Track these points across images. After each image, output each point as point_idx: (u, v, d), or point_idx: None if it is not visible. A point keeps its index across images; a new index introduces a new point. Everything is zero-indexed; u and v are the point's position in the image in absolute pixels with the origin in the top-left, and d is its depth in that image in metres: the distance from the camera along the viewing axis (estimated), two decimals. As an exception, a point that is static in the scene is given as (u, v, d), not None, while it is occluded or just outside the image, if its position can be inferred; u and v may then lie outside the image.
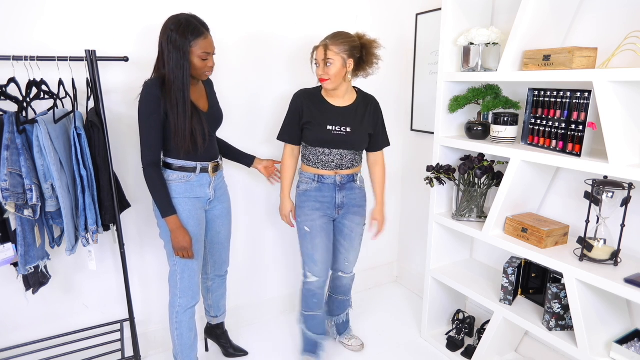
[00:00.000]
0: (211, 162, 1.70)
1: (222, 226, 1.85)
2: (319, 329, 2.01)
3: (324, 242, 1.88)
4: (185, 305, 1.72)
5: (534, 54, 1.58)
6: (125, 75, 1.84)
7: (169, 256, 1.69)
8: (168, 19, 1.52)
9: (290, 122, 1.84)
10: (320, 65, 1.72)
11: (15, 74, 1.58)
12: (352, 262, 2.04)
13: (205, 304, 2.05)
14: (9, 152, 1.42)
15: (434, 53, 2.34)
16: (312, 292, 1.93)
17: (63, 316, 1.95)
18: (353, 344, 2.20)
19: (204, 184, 1.69)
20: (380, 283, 2.89)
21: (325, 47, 1.69)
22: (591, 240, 1.53)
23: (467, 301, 2.40)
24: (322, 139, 1.78)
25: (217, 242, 1.87)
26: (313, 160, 1.84)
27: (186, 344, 1.77)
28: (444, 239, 2.16)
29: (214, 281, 1.97)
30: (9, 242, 1.53)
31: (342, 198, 1.89)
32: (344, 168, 1.85)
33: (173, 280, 1.71)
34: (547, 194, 1.88)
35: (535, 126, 1.67)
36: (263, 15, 2.10)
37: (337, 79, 1.73)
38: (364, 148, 1.88)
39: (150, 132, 1.53)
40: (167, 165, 1.64)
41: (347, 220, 1.94)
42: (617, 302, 1.59)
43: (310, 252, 1.89)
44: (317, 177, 1.85)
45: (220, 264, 1.94)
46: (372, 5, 2.40)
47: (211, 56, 1.58)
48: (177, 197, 1.63)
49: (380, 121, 1.91)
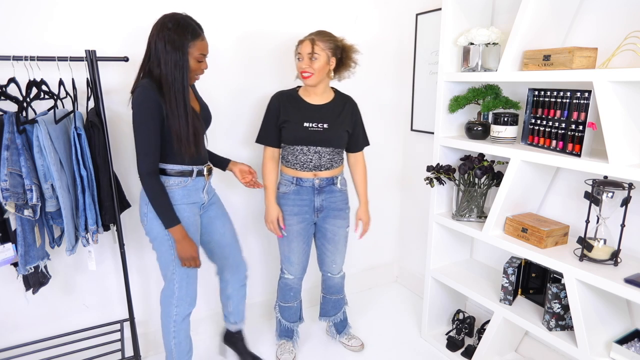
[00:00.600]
0: (205, 165, 1.67)
1: (223, 226, 1.80)
2: (293, 318, 2.11)
3: (300, 246, 1.92)
4: (183, 314, 1.67)
5: (534, 54, 1.58)
6: (125, 75, 1.84)
7: (165, 266, 1.62)
8: (164, 17, 1.46)
9: (268, 123, 1.83)
10: (304, 59, 1.71)
11: (15, 74, 1.58)
12: (339, 264, 2.05)
13: (224, 311, 1.96)
14: (9, 152, 1.42)
15: (434, 53, 2.34)
16: (289, 286, 2.01)
17: (63, 316, 1.95)
18: (353, 344, 2.20)
19: (199, 188, 1.64)
20: (380, 283, 2.89)
21: (312, 42, 1.69)
22: (591, 240, 1.53)
23: (467, 301, 2.40)
24: (299, 137, 1.78)
25: (225, 244, 1.81)
26: (292, 160, 1.83)
27: (184, 350, 1.73)
28: (444, 239, 2.16)
29: (234, 287, 1.89)
30: (9, 242, 1.53)
31: (321, 201, 1.88)
32: (322, 169, 1.83)
33: (169, 290, 1.64)
34: (547, 194, 1.88)
35: (535, 126, 1.67)
36: (262, 15, 2.10)
37: (320, 75, 1.74)
38: (342, 146, 1.87)
39: (149, 138, 1.45)
40: (162, 172, 1.56)
41: (328, 224, 1.93)
42: (617, 302, 1.59)
43: (287, 254, 1.94)
44: (295, 179, 1.84)
45: (236, 267, 1.86)
46: (372, 5, 2.40)
47: (205, 58, 1.55)
48: (177, 204, 1.56)
49: (359, 121, 1.91)
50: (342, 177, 1.94)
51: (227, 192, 2.19)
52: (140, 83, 1.47)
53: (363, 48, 2.42)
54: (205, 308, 2.29)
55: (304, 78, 1.74)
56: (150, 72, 1.48)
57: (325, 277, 2.10)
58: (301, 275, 2.00)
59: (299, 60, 1.74)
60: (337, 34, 1.82)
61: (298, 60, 1.75)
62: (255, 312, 2.44)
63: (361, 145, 1.96)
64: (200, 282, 2.21)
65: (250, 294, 2.40)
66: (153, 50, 1.45)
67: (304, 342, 2.26)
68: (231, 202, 2.21)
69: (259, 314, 2.45)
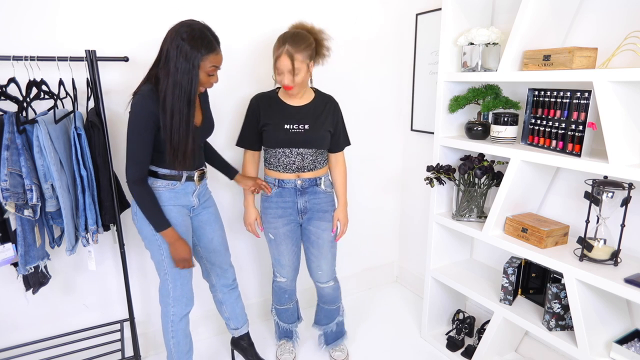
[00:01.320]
0: (197, 171, 1.63)
1: (213, 232, 1.77)
2: (291, 319, 2.10)
3: (289, 248, 1.90)
4: (180, 313, 1.67)
5: (534, 54, 1.58)
6: (125, 75, 1.84)
7: (158, 266, 1.62)
8: (180, 25, 1.40)
9: (248, 127, 1.81)
10: (284, 74, 1.65)
11: (15, 74, 1.58)
12: (326, 271, 1.95)
13: (223, 318, 1.94)
14: (9, 152, 1.42)
15: (434, 53, 2.34)
16: (283, 289, 2.00)
17: (63, 316, 1.95)
18: (337, 357, 2.10)
19: (188, 192, 1.62)
20: (380, 283, 2.89)
21: (291, 58, 1.61)
22: (591, 240, 1.53)
23: (467, 301, 2.40)
24: (280, 139, 1.74)
25: (212, 250, 1.79)
26: (274, 163, 1.80)
27: (183, 350, 1.72)
28: (444, 239, 2.16)
29: (223, 292, 1.88)
30: (9, 242, 1.53)
31: (305, 203, 1.85)
32: (305, 170, 1.80)
33: (164, 290, 1.64)
34: (547, 194, 1.88)
35: (535, 126, 1.67)
36: (261, 14, 2.10)
37: (303, 85, 1.72)
38: (324, 147, 1.82)
39: (140, 148, 1.44)
40: (152, 173, 1.55)
41: (312, 226, 1.88)
42: (617, 302, 1.59)
43: (277, 257, 1.93)
44: (277, 181, 1.81)
45: (222, 272, 1.85)
46: (372, 5, 2.40)
47: (217, 71, 1.50)
48: (165, 205, 1.56)
49: (340, 121, 1.88)
50: (327, 178, 1.90)
51: (219, 192, 2.18)
52: (142, 89, 1.44)
53: (363, 48, 2.42)
54: (205, 308, 2.29)
55: (287, 89, 1.68)
56: (157, 79, 1.44)
57: (316, 286, 2.02)
58: (293, 276, 1.97)
59: (278, 75, 1.67)
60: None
61: (276, 74, 1.67)
62: (253, 313, 2.44)
63: (342, 145, 1.91)
64: (200, 282, 2.20)
65: (246, 295, 2.40)
66: (164, 57, 1.41)
67: (304, 342, 2.26)
68: (222, 203, 2.20)
69: (256, 315, 2.45)
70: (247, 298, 2.41)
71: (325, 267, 1.94)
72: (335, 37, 2.30)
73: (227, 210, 2.24)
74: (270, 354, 2.17)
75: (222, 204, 2.21)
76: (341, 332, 2.15)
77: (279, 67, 1.64)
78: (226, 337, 2.29)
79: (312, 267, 1.96)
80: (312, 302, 2.59)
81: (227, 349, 2.21)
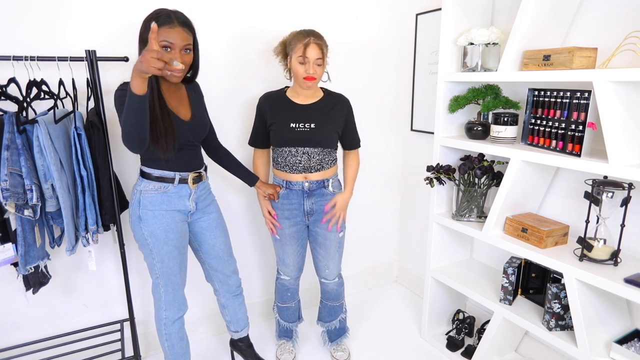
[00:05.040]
0: (192, 173, 1.59)
1: (214, 239, 1.73)
2: (292, 318, 2.11)
3: (294, 249, 1.91)
4: (172, 317, 1.66)
5: (534, 54, 1.58)
6: (125, 75, 1.84)
7: (150, 269, 1.61)
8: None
9: (257, 126, 1.84)
10: (309, 64, 1.64)
11: (15, 74, 1.58)
12: (333, 269, 1.97)
13: (224, 319, 1.95)
14: (9, 152, 1.42)
15: (434, 53, 2.34)
16: (286, 287, 2.01)
17: (63, 316, 1.95)
18: (339, 357, 2.10)
19: (183, 196, 1.58)
20: (380, 283, 2.89)
21: (320, 47, 1.64)
22: (591, 240, 1.53)
23: (467, 301, 2.40)
24: (286, 138, 1.74)
25: (214, 256, 1.76)
26: (281, 163, 1.80)
27: (178, 352, 1.71)
28: (444, 239, 2.16)
29: (226, 297, 1.86)
30: (9, 242, 1.53)
31: (311, 205, 1.84)
32: (312, 170, 1.79)
33: (157, 293, 1.63)
34: (547, 194, 1.88)
35: (535, 126, 1.67)
36: (260, 14, 2.10)
37: (320, 78, 1.73)
38: (332, 146, 1.81)
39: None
40: (145, 175, 1.54)
41: (319, 227, 1.89)
42: (617, 302, 1.59)
43: (282, 256, 1.94)
44: (285, 182, 1.82)
45: (225, 278, 1.82)
46: (372, 5, 2.40)
47: (177, 51, 1.39)
48: (153, 210, 1.52)
49: (352, 120, 1.88)
50: (336, 179, 1.90)
51: (224, 192, 2.19)
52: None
53: (363, 48, 2.42)
54: (205, 308, 2.29)
55: (307, 81, 1.67)
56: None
57: (321, 282, 2.05)
58: (297, 275, 1.99)
59: (302, 64, 1.66)
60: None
61: (299, 64, 1.66)
62: (255, 312, 2.44)
63: (356, 144, 1.93)
64: (201, 281, 2.21)
65: (249, 294, 2.40)
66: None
67: (304, 342, 2.26)
68: (228, 202, 2.21)
69: (258, 314, 2.45)
70: (251, 297, 2.42)
71: (332, 266, 1.97)
72: (335, 37, 2.31)
73: (235, 212, 2.25)
74: (270, 353, 2.17)
75: (231, 207, 2.23)
76: (344, 329, 2.16)
77: (308, 55, 1.64)
78: (225, 337, 2.29)
79: (320, 266, 1.98)
80: (312, 301, 2.59)
81: (226, 349, 2.21)
